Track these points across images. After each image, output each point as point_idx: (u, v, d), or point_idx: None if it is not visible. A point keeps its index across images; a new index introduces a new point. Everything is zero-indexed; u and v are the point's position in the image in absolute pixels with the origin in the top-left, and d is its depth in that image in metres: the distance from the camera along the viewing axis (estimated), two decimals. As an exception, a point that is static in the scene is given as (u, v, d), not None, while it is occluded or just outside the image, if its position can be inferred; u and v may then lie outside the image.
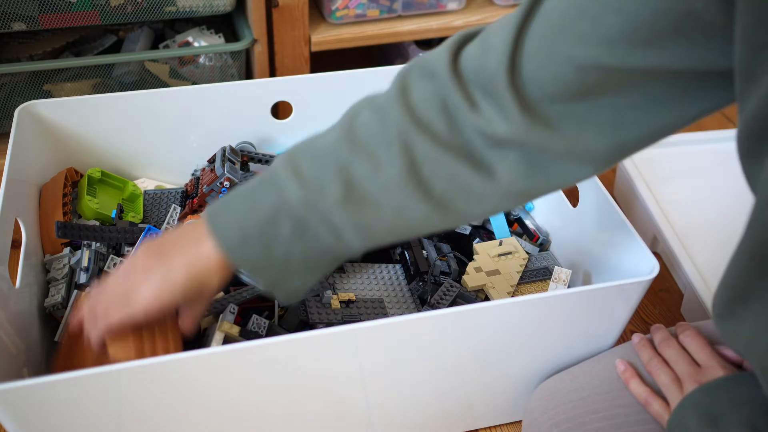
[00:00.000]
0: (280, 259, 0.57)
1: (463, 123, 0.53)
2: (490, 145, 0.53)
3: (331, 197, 0.54)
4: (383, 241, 0.58)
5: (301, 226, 0.56)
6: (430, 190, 0.54)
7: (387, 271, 0.86)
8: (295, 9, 1.08)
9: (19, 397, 0.58)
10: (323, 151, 0.56)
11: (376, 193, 0.54)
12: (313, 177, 0.55)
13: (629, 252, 0.74)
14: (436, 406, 0.77)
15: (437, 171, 0.54)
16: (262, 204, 0.57)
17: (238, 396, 0.67)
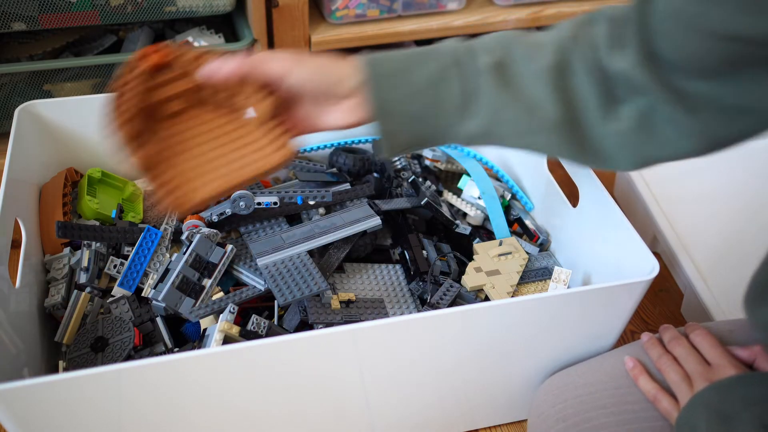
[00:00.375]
0: (403, 90, 0.59)
1: (615, 58, 0.55)
2: (627, 88, 0.55)
3: (484, 62, 0.58)
4: (499, 132, 0.59)
5: (441, 74, 0.58)
6: (566, 98, 0.57)
7: (387, 271, 0.86)
8: (295, 9, 1.08)
9: (19, 397, 0.58)
10: (496, 34, 0.61)
11: (522, 78, 0.57)
12: (477, 43, 0.59)
13: (629, 252, 0.74)
14: (437, 406, 0.77)
15: (578, 83, 0.57)
16: (418, 49, 0.60)
17: (238, 396, 0.67)
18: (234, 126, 0.63)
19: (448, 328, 0.67)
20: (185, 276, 0.77)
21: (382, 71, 0.59)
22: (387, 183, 0.93)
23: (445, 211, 0.91)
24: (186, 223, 0.82)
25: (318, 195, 0.88)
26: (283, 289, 0.76)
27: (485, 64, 0.58)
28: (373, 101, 0.59)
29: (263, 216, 0.88)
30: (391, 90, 0.59)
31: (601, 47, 0.56)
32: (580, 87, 0.57)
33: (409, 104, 0.59)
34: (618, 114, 0.57)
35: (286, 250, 0.81)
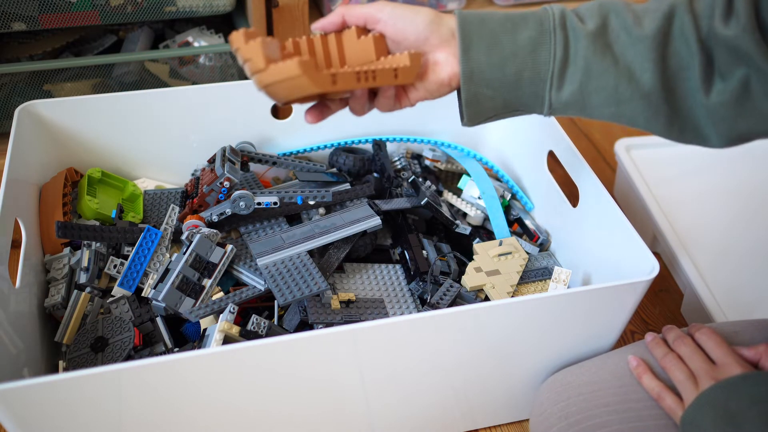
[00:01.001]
0: (497, 56, 0.59)
1: (722, 26, 0.55)
2: (726, 64, 0.56)
3: (585, 27, 0.58)
4: (594, 100, 0.60)
5: (540, 40, 0.59)
6: (665, 66, 0.57)
7: (387, 271, 0.86)
8: (295, 9, 1.08)
9: (19, 397, 0.58)
10: (598, 2, 0.61)
11: (622, 44, 0.58)
12: (580, 8, 0.60)
13: (629, 252, 0.74)
14: (436, 406, 0.77)
15: (679, 51, 0.57)
16: (520, 11, 0.61)
17: (238, 396, 0.67)
18: None
19: (448, 328, 0.67)
20: (185, 276, 0.77)
21: (479, 31, 0.60)
22: (387, 183, 0.93)
23: (445, 211, 0.91)
24: (186, 223, 0.82)
25: (318, 195, 0.88)
26: (283, 289, 0.76)
27: (585, 29, 0.58)
28: (465, 63, 0.60)
29: (263, 216, 0.88)
30: (487, 52, 0.59)
31: (707, 15, 0.57)
32: (681, 56, 0.58)
33: (504, 68, 0.60)
34: (717, 86, 0.57)
35: (286, 250, 0.81)
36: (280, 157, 0.96)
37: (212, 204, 0.86)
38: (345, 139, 1.00)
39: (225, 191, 0.85)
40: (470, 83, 0.61)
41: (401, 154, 1.00)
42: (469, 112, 0.63)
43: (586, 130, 1.33)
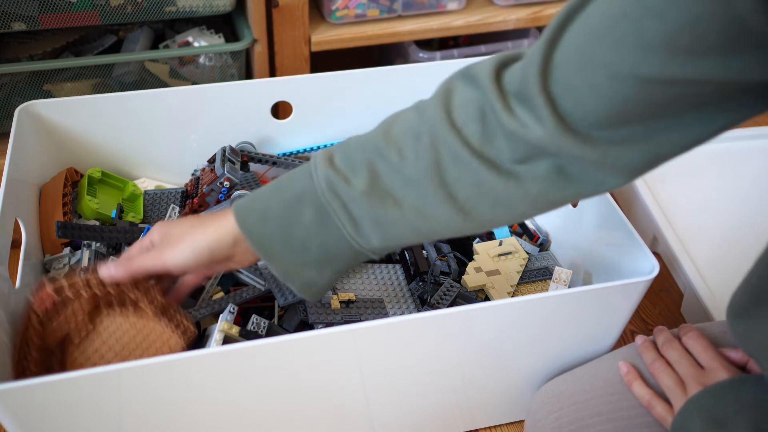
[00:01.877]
0: (297, 244, 0.58)
1: (496, 129, 0.51)
2: (521, 158, 0.51)
3: (355, 187, 0.55)
4: (402, 241, 0.58)
5: (322, 213, 0.57)
6: (454, 194, 0.54)
7: (387, 271, 0.86)
8: (295, 9, 1.08)
9: (19, 397, 0.58)
10: (359, 145, 0.57)
11: (399, 188, 0.55)
12: (343, 167, 0.56)
13: (629, 252, 0.74)
14: (436, 406, 0.77)
15: (463, 175, 0.53)
16: (288, 188, 0.59)
17: (238, 396, 0.67)
18: (140, 321, 0.70)
19: (448, 328, 0.67)
20: (185, 276, 0.77)
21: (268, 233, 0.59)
22: (387, 183, 0.93)
23: (445, 211, 0.91)
24: (186, 223, 0.82)
25: (318, 195, 0.88)
26: (283, 289, 0.76)
27: (356, 190, 0.55)
28: (276, 268, 0.60)
29: (263, 216, 0.88)
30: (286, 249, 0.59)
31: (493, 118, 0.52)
32: (463, 180, 0.54)
33: (310, 253, 0.59)
34: (525, 187, 0.53)
35: (286, 250, 0.80)
36: (280, 157, 0.96)
37: (212, 204, 0.86)
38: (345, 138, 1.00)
39: (225, 191, 0.85)
40: (293, 280, 0.60)
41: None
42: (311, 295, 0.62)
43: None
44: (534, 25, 1.23)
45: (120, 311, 0.73)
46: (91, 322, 0.72)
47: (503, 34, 1.28)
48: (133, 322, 0.72)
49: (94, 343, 0.71)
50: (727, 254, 0.99)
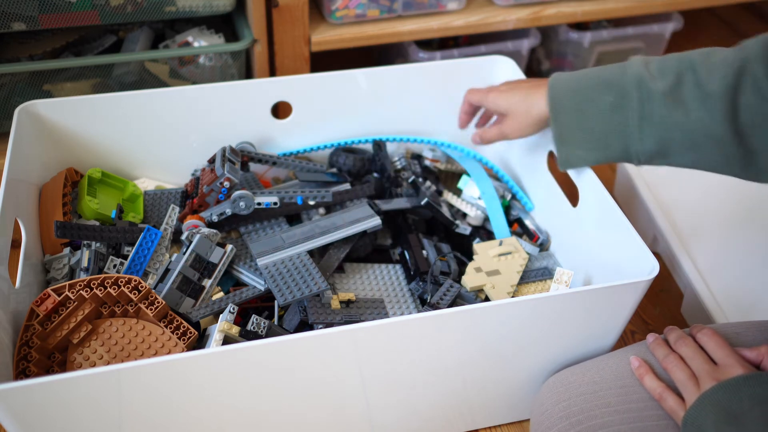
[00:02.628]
0: (585, 123, 0.72)
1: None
2: None
3: (659, 86, 0.67)
4: (673, 151, 0.68)
5: (620, 102, 0.69)
6: (736, 115, 0.64)
7: (387, 271, 0.86)
8: (295, 9, 1.08)
9: (19, 397, 0.58)
10: (678, 57, 0.68)
11: (693, 99, 0.65)
12: (656, 70, 0.69)
13: (629, 252, 0.74)
14: (436, 407, 0.77)
15: (753, 101, 0.63)
16: (602, 75, 0.72)
17: (238, 396, 0.67)
18: (140, 323, 0.73)
19: (448, 328, 0.67)
20: (185, 276, 0.77)
21: (564, 104, 0.74)
22: (387, 183, 0.93)
23: (445, 212, 0.91)
24: (186, 223, 0.82)
25: (318, 195, 0.88)
26: (283, 289, 0.76)
27: (658, 88, 0.67)
28: (555, 127, 0.75)
29: (263, 216, 0.88)
30: (575, 117, 0.73)
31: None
32: (753, 107, 0.63)
33: (592, 131, 0.72)
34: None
35: (286, 250, 0.81)
36: (280, 157, 0.96)
37: (212, 204, 0.86)
38: (345, 140, 1.00)
39: (225, 191, 0.85)
40: (561, 144, 0.75)
41: (401, 154, 1.00)
42: (561, 158, 0.77)
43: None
44: (534, 25, 1.23)
45: (120, 313, 0.73)
46: (92, 324, 0.72)
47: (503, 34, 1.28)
48: (133, 324, 0.72)
49: (94, 345, 0.71)
50: (727, 254, 0.99)
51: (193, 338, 0.72)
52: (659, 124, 0.68)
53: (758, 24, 1.62)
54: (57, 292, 0.71)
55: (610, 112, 0.71)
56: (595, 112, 0.71)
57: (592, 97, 0.72)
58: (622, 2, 1.24)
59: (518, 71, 0.97)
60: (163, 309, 0.72)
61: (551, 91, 0.75)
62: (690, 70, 0.67)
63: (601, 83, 0.72)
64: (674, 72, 0.67)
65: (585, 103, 0.72)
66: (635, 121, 0.69)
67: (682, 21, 1.32)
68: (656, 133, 0.68)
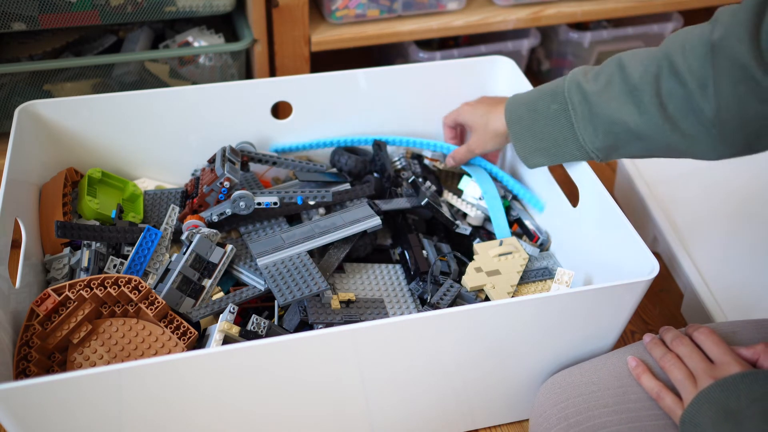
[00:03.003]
0: (537, 131, 0.78)
1: None
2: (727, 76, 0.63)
3: (594, 87, 0.72)
4: (618, 143, 0.72)
5: (564, 107, 0.75)
6: (663, 104, 0.67)
7: (387, 271, 0.86)
8: (295, 9, 1.08)
9: (19, 397, 0.58)
10: (610, 59, 0.73)
11: (623, 94, 0.69)
12: (593, 73, 0.74)
13: (629, 252, 0.74)
14: (436, 406, 0.77)
15: (674, 87, 0.66)
16: (547, 87, 0.78)
17: (238, 396, 0.67)
18: (140, 323, 0.73)
19: (448, 328, 0.67)
20: (185, 276, 0.77)
21: (517, 115, 0.81)
22: (387, 183, 0.93)
23: (445, 212, 0.91)
24: (186, 223, 0.82)
25: (318, 195, 0.88)
26: (283, 289, 0.76)
27: (595, 89, 0.72)
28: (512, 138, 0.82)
29: (263, 216, 0.88)
30: (526, 128, 0.80)
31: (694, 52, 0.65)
32: (673, 91, 0.66)
33: (542, 137, 0.78)
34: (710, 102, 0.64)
35: (286, 250, 0.81)
36: (280, 157, 0.96)
37: (212, 204, 0.86)
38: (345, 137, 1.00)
39: (225, 191, 0.85)
40: (519, 151, 0.82)
41: (401, 154, 1.00)
42: (525, 162, 0.82)
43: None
44: (534, 25, 1.23)
45: (120, 313, 0.73)
46: (92, 324, 0.72)
47: (503, 34, 1.28)
48: (133, 324, 0.72)
49: (94, 345, 0.71)
50: (727, 254, 0.99)
51: (193, 338, 0.72)
52: (601, 121, 0.72)
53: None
54: (57, 292, 0.71)
55: (556, 117, 0.76)
56: (545, 119, 0.77)
57: (540, 107, 0.78)
58: (622, 2, 1.24)
59: (518, 71, 0.97)
60: (163, 309, 0.72)
61: (507, 105, 0.82)
62: (618, 67, 0.71)
63: (547, 93, 0.78)
64: (606, 72, 0.72)
65: (535, 113, 0.78)
66: (580, 123, 0.74)
67: (682, 21, 1.32)
68: (601, 129, 0.73)
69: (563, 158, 0.79)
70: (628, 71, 0.70)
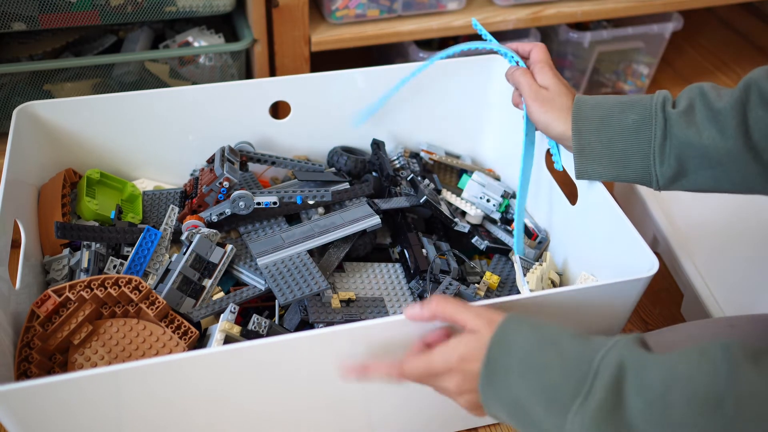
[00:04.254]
0: (605, 139, 0.72)
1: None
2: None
3: (676, 110, 0.69)
4: (690, 169, 0.69)
5: (644, 122, 0.70)
6: (748, 132, 0.65)
7: (387, 270, 0.86)
8: (295, 9, 1.08)
9: (19, 397, 0.58)
10: (688, 87, 0.71)
11: (704, 120, 0.67)
12: (681, 94, 0.71)
13: (629, 250, 0.74)
14: (437, 405, 0.77)
15: (763, 115, 0.64)
16: (627, 97, 0.73)
17: (239, 396, 0.67)
18: (141, 323, 0.73)
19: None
20: (185, 276, 0.77)
21: (588, 116, 0.73)
22: (386, 182, 0.93)
23: (444, 210, 0.91)
24: (185, 224, 0.82)
25: (317, 194, 0.88)
26: (283, 289, 0.76)
27: (677, 111, 0.69)
28: (576, 140, 0.73)
29: (263, 216, 0.88)
30: (596, 132, 0.72)
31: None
32: (761, 119, 0.65)
33: (611, 146, 0.72)
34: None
35: (286, 249, 0.81)
36: (279, 157, 0.96)
37: (211, 204, 0.86)
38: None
39: (224, 191, 0.85)
40: (580, 157, 0.73)
41: (400, 152, 1.00)
42: (579, 169, 0.74)
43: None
44: (534, 25, 1.23)
45: (121, 314, 0.73)
46: (92, 325, 0.72)
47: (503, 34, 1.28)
48: (134, 324, 0.72)
49: (95, 345, 0.71)
50: (727, 254, 0.99)
51: (194, 337, 0.72)
52: (678, 144, 0.68)
53: (758, 24, 1.62)
54: (57, 293, 0.71)
55: (633, 130, 0.71)
56: (618, 129, 0.71)
57: (615, 114, 0.72)
58: (622, 2, 1.24)
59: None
60: (163, 309, 0.72)
61: (576, 104, 0.74)
62: (700, 94, 0.69)
63: (625, 102, 0.72)
64: (687, 96, 0.70)
65: (608, 119, 0.72)
66: (659, 141, 0.69)
67: (682, 21, 1.32)
68: (676, 152, 0.69)
69: (623, 174, 0.73)
70: (711, 97, 0.68)
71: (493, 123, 1.03)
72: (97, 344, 0.71)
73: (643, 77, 1.38)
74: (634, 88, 1.39)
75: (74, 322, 0.71)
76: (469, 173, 0.97)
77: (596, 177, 0.74)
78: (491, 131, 1.04)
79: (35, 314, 0.71)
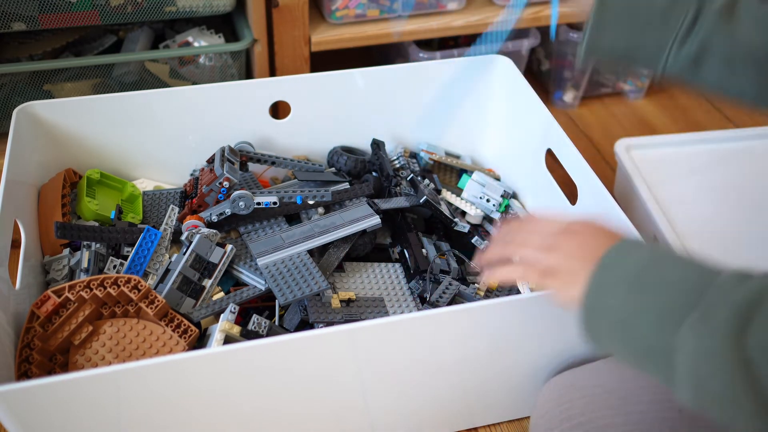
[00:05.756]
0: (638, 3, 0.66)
1: None
2: None
3: (718, 3, 0.64)
4: (704, 63, 0.65)
5: (675, 5, 0.65)
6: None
7: (386, 270, 0.86)
8: (295, 9, 1.08)
9: (19, 397, 0.58)
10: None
11: (748, 17, 0.63)
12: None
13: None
14: (437, 405, 0.77)
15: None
16: None
17: (239, 396, 0.67)
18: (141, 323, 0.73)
19: (448, 326, 0.67)
20: (185, 276, 0.78)
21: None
22: (386, 182, 0.94)
23: (444, 210, 0.91)
24: (185, 224, 0.82)
25: (317, 194, 0.88)
26: (283, 289, 0.76)
27: (718, 4, 0.64)
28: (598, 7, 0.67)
29: (263, 216, 0.88)
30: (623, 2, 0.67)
31: None
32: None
33: (634, 15, 0.66)
34: None
35: (286, 249, 0.81)
36: (279, 157, 0.96)
37: (211, 204, 0.86)
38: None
39: (224, 191, 0.85)
40: (597, 22, 0.67)
41: (400, 152, 1.00)
42: (590, 39, 0.68)
43: (586, 130, 1.33)
44: (534, 25, 1.23)
45: (121, 313, 0.73)
46: (93, 325, 0.72)
47: (503, 33, 1.28)
48: (134, 324, 0.72)
49: (95, 345, 0.71)
50: (727, 254, 0.98)
51: (195, 336, 0.72)
52: (706, 31, 0.64)
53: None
54: (57, 294, 0.71)
55: (665, 6, 0.66)
56: (647, 3, 0.66)
57: None
58: None
59: (516, 71, 0.97)
60: (163, 308, 0.72)
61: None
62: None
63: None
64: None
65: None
66: (689, 20, 0.65)
67: (681, 20, 1.32)
68: (701, 38, 0.64)
69: (634, 48, 0.68)
70: None
71: (493, 123, 1.03)
72: (98, 344, 0.71)
73: (643, 77, 1.38)
74: (634, 88, 1.39)
75: (74, 322, 0.71)
76: (469, 173, 0.97)
77: (606, 49, 0.68)
78: (491, 131, 1.04)
79: (35, 315, 0.71)
